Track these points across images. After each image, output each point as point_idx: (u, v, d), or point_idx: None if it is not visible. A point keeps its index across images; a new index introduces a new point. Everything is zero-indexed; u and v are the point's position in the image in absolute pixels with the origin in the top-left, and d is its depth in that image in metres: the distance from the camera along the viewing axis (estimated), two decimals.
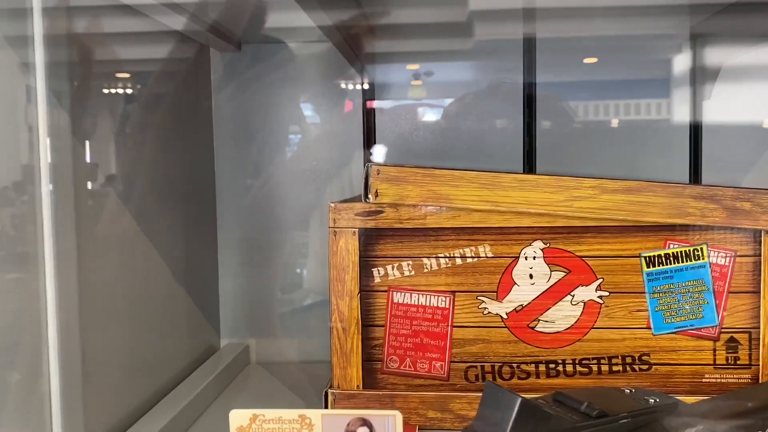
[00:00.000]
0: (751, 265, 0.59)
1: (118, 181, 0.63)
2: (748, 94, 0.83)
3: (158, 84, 0.73)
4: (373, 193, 0.61)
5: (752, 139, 0.82)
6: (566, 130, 0.84)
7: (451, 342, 0.63)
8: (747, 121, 0.82)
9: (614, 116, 0.84)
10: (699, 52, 0.82)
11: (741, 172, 0.81)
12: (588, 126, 0.84)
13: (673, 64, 0.83)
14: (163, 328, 0.69)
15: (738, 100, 0.82)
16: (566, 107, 0.83)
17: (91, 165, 0.59)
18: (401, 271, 0.63)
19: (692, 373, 0.60)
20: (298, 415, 0.47)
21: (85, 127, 0.56)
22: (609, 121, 0.84)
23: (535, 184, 0.60)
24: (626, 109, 0.84)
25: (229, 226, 0.85)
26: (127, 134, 0.66)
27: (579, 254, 0.61)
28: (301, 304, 0.86)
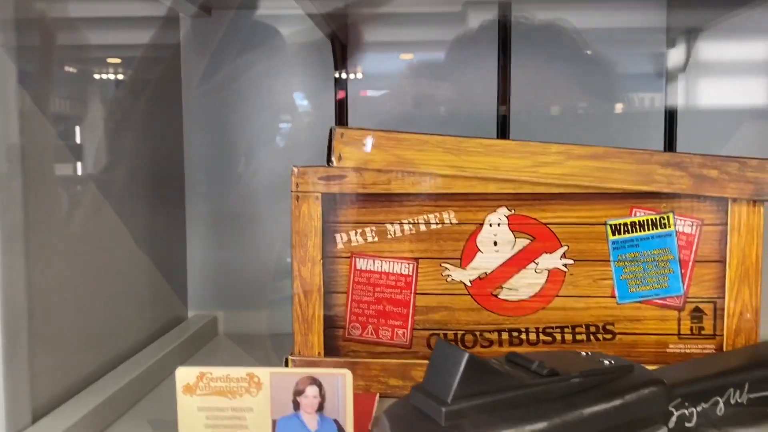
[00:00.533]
0: (718, 234, 0.59)
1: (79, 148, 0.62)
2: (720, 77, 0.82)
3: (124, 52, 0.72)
4: (336, 157, 0.60)
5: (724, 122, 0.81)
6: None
7: (414, 309, 0.62)
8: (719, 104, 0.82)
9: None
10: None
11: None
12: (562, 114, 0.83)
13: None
14: (124, 297, 0.68)
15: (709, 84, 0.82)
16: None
17: (51, 134, 0.57)
18: (364, 237, 0.61)
19: (656, 343, 0.60)
20: (246, 373, 0.46)
21: (47, 97, 0.55)
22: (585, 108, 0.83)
23: (500, 149, 0.59)
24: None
25: (198, 198, 0.84)
26: (88, 103, 0.64)
27: (544, 221, 0.60)
28: (272, 276, 0.84)
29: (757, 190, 0.57)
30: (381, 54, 0.84)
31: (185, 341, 0.73)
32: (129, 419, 0.57)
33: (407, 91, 0.83)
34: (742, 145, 0.78)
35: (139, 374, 0.62)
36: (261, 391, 0.46)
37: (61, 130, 0.59)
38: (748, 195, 0.57)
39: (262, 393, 0.46)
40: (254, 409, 0.46)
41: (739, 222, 0.58)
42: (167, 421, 0.49)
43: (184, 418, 0.47)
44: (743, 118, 0.81)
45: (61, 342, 0.56)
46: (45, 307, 0.53)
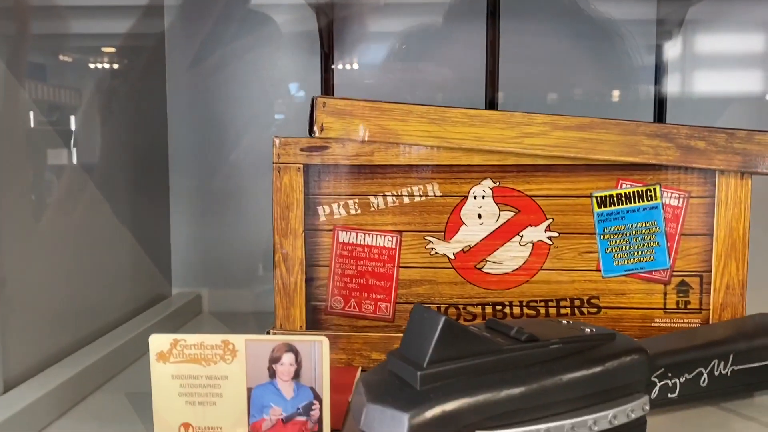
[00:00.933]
0: (705, 206, 0.58)
1: (60, 125, 0.61)
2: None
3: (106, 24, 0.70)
4: (318, 127, 0.59)
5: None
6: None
7: (397, 283, 0.61)
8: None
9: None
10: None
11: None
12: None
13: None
14: (105, 273, 0.67)
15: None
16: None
17: (34, 114, 0.56)
18: (347, 209, 0.60)
19: (642, 317, 0.59)
20: (221, 340, 0.45)
21: (28, 69, 0.54)
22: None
23: (485, 120, 0.58)
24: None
25: (182, 174, 0.83)
26: (70, 76, 0.63)
27: (529, 194, 0.59)
28: (258, 254, 0.83)
29: (745, 162, 0.56)
30: (368, 31, 0.83)
31: (167, 318, 0.73)
32: (106, 391, 0.56)
33: (395, 67, 0.82)
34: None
35: (117, 348, 0.61)
36: (236, 359, 0.45)
37: (44, 108, 0.58)
38: (735, 167, 0.56)
39: (237, 360, 0.45)
40: (229, 377, 0.45)
41: (727, 194, 0.57)
42: (145, 394, 0.48)
43: (157, 386, 0.46)
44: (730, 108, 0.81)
45: (36, 314, 0.55)
46: (19, 278, 0.52)
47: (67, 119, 0.62)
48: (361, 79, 0.82)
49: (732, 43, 0.82)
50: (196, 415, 0.46)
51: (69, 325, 0.60)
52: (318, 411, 0.45)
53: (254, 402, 0.45)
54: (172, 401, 0.46)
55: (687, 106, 0.81)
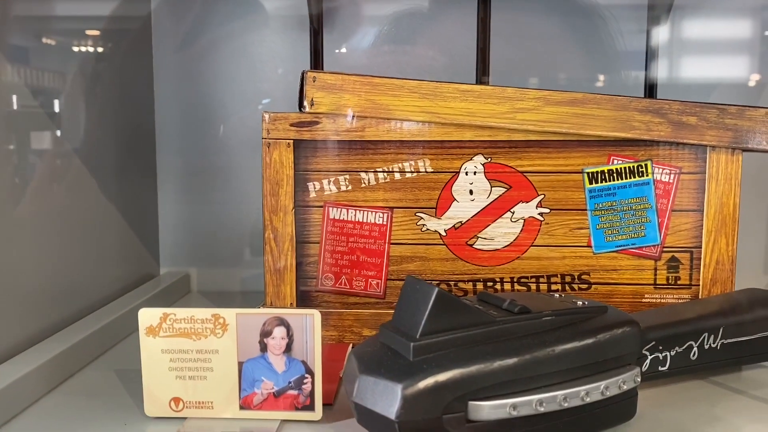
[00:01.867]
0: (696, 182, 0.58)
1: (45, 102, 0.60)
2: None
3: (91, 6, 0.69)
4: (308, 102, 0.58)
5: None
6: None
7: (388, 259, 0.60)
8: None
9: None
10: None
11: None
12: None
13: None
14: (91, 251, 0.66)
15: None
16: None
17: (20, 90, 0.55)
18: (338, 185, 0.60)
19: (632, 293, 0.59)
20: (212, 314, 0.45)
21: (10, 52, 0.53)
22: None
23: (477, 94, 0.58)
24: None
25: (170, 153, 0.82)
26: (53, 58, 0.62)
27: (520, 169, 0.59)
28: (247, 233, 0.83)
29: (736, 138, 0.56)
30: (358, 7, 0.82)
31: (154, 296, 0.72)
32: (94, 368, 0.56)
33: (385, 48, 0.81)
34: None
35: (105, 326, 0.60)
36: (227, 333, 0.45)
37: (27, 91, 0.57)
38: (726, 142, 0.57)
39: (227, 334, 0.45)
40: (220, 351, 0.45)
41: (718, 170, 0.57)
42: (134, 370, 0.48)
43: (147, 361, 0.45)
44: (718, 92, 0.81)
45: (21, 291, 0.54)
46: (3, 257, 0.51)
47: (51, 102, 0.61)
48: (352, 59, 0.81)
49: (720, 28, 0.82)
50: (187, 390, 0.45)
51: (56, 304, 0.59)
52: (310, 385, 0.45)
53: (245, 376, 0.45)
54: (162, 376, 0.45)
55: (676, 91, 0.81)
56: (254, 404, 0.45)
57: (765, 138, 0.56)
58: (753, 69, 0.82)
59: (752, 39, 0.82)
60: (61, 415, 0.47)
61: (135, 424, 0.45)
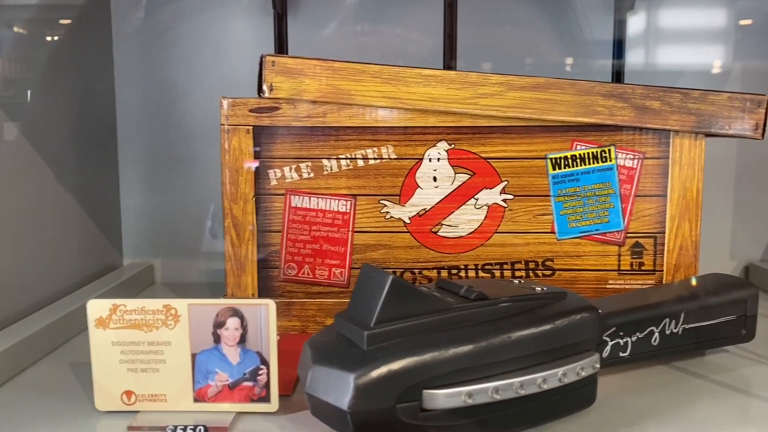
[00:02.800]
0: (659, 167, 0.58)
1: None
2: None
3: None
4: (267, 87, 0.57)
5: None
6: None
7: (352, 248, 0.60)
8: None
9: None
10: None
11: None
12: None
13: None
14: (48, 242, 0.64)
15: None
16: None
17: None
18: (299, 173, 0.59)
19: (596, 279, 0.59)
20: (163, 305, 0.43)
21: None
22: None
23: (440, 79, 0.57)
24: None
25: (131, 141, 0.80)
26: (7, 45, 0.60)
27: (484, 156, 0.58)
28: (212, 223, 0.81)
29: (699, 122, 0.56)
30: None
31: (117, 287, 0.70)
32: (47, 362, 0.54)
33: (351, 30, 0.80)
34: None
35: (61, 318, 0.59)
36: (179, 324, 0.43)
37: None
38: (690, 127, 0.56)
39: (180, 326, 0.43)
40: (172, 343, 0.44)
41: (681, 155, 0.57)
42: (88, 364, 0.46)
43: (97, 354, 0.44)
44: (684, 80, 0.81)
45: None
46: None
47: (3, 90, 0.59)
48: (317, 44, 0.80)
49: (686, 15, 0.82)
50: (139, 383, 0.44)
51: (7, 298, 0.57)
52: (265, 376, 0.44)
53: (199, 368, 0.44)
54: (113, 369, 0.44)
55: (644, 78, 0.81)
56: (209, 397, 0.44)
57: (727, 122, 0.56)
58: (719, 56, 0.82)
59: (719, 27, 0.82)
60: (9, 412, 0.45)
61: (85, 419, 0.44)
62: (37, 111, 0.64)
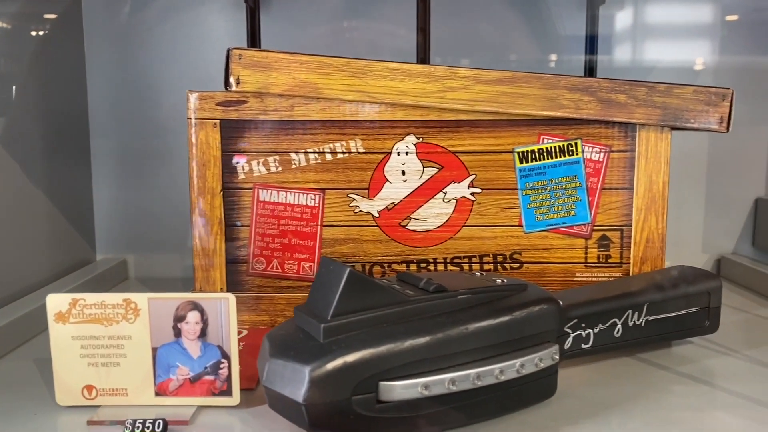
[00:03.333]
0: (625, 161, 0.58)
1: None
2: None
3: None
4: (234, 80, 0.57)
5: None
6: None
7: (321, 242, 0.60)
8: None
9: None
10: None
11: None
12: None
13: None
14: (17, 238, 0.64)
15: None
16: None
17: None
18: (267, 166, 0.59)
19: (563, 272, 0.59)
20: (123, 299, 0.43)
21: None
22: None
23: (407, 73, 0.57)
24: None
25: (104, 136, 0.79)
26: None
27: (452, 149, 0.58)
28: (186, 217, 0.81)
29: (665, 115, 0.56)
30: None
31: (88, 283, 0.70)
32: (12, 358, 0.54)
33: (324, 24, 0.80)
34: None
35: (27, 314, 0.58)
36: (139, 318, 0.43)
37: None
38: (655, 120, 0.57)
39: (140, 320, 0.43)
40: (133, 337, 0.43)
41: (647, 148, 0.57)
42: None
43: (57, 348, 0.44)
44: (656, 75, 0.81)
45: None
46: None
47: None
48: (290, 38, 0.79)
49: (660, 12, 0.83)
50: (100, 377, 0.44)
51: None
52: (227, 369, 0.44)
53: (160, 362, 0.44)
54: (74, 363, 0.44)
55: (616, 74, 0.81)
56: (170, 390, 0.44)
57: (693, 116, 0.56)
58: (702, 52, 0.82)
59: (689, 22, 0.82)
60: None
61: (45, 414, 0.44)
62: (5, 105, 0.63)
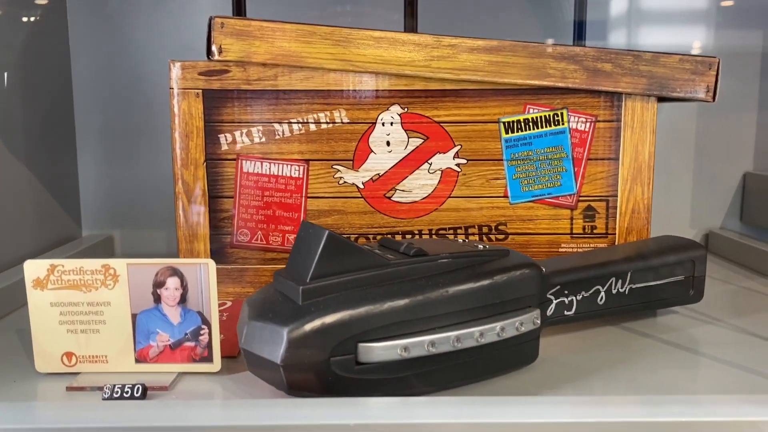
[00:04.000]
0: (611, 130, 0.58)
1: None
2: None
3: None
4: (216, 49, 0.56)
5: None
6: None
7: (306, 213, 0.59)
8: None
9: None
10: None
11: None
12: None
13: None
14: (1, 216, 0.63)
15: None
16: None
17: None
18: (251, 137, 0.58)
19: (549, 243, 0.59)
20: (101, 265, 0.43)
21: None
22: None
23: (391, 41, 0.56)
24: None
25: (88, 111, 0.78)
26: None
27: (437, 120, 0.58)
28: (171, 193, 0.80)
29: (651, 84, 0.56)
30: None
31: (72, 258, 0.69)
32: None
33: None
34: None
35: (9, 286, 0.58)
36: (118, 284, 0.43)
37: None
38: (641, 89, 0.56)
39: (119, 286, 0.43)
40: (112, 303, 0.43)
41: (633, 118, 0.57)
42: None
43: (36, 315, 0.43)
44: None
45: None
46: None
47: None
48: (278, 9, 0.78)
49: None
50: (79, 344, 0.44)
51: None
52: (207, 336, 0.43)
53: (140, 328, 0.43)
54: (53, 330, 0.43)
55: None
56: (150, 357, 0.44)
57: (679, 85, 0.56)
58: (684, 37, 0.82)
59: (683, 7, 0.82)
60: None
61: (25, 381, 0.43)
62: None
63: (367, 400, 0.35)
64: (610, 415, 0.35)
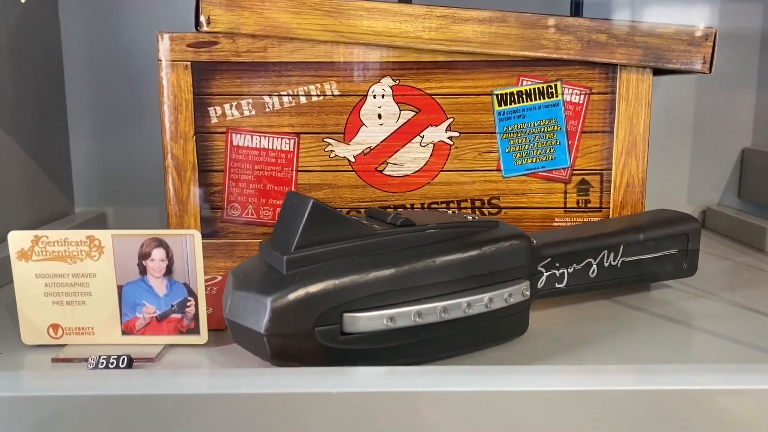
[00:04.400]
0: (606, 103, 0.57)
1: None
2: None
3: None
4: (205, 20, 0.55)
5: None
6: None
7: (296, 187, 0.59)
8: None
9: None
10: None
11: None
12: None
13: None
14: None
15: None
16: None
17: None
18: (240, 110, 0.57)
19: (542, 217, 0.58)
20: (86, 236, 0.42)
21: None
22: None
23: (383, 12, 0.55)
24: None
25: (80, 86, 0.78)
26: None
27: (429, 92, 0.57)
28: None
29: (646, 56, 0.55)
30: None
31: None
32: None
33: None
34: None
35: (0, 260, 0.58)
36: (103, 255, 0.43)
37: None
38: (636, 60, 0.55)
39: (104, 257, 0.43)
40: (97, 275, 0.43)
41: (628, 90, 0.56)
42: None
43: (21, 286, 0.43)
44: None
45: None
46: None
47: None
48: None
49: None
50: (65, 316, 0.43)
51: None
52: (194, 308, 0.43)
53: (126, 300, 0.43)
54: (38, 302, 0.43)
55: None
56: (137, 329, 0.43)
57: (675, 56, 0.55)
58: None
59: None
60: None
61: (11, 353, 0.43)
62: None
63: (351, 369, 0.35)
64: (599, 383, 0.35)
